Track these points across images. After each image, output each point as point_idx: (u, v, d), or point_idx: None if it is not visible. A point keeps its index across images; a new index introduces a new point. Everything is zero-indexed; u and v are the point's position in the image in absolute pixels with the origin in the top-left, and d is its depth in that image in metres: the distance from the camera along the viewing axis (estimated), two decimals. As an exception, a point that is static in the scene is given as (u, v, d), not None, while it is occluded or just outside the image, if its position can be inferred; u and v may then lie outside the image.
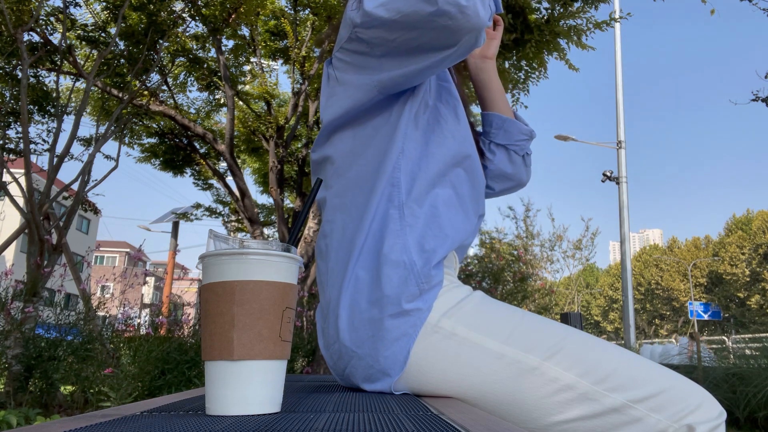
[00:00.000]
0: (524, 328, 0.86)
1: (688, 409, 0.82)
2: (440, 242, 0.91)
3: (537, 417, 0.82)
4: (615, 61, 12.71)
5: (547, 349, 0.83)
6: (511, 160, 1.17)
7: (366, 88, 0.91)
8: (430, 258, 0.88)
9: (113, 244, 44.10)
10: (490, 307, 0.90)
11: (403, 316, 0.85)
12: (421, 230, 0.90)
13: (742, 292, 47.05)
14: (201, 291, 0.62)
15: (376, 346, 0.85)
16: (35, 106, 7.45)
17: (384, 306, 0.86)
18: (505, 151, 1.17)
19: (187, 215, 12.13)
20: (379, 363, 0.85)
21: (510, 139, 1.16)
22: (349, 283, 0.89)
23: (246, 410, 0.58)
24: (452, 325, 0.85)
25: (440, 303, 0.87)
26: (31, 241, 5.15)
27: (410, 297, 0.86)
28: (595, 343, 0.85)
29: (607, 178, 12.52)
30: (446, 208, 0.94)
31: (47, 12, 6.32)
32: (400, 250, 0.87)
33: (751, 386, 3.89)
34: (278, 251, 0.61)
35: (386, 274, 0.86)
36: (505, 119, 1.16)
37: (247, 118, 9.01)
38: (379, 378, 0.86)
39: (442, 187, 0.95)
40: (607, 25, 5.46)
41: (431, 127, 0.96)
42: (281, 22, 7.99)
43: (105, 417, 0.57)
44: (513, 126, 1.16)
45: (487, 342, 0.84)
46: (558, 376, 0.81)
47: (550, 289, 10.82)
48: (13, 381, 3.69)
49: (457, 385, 0.84)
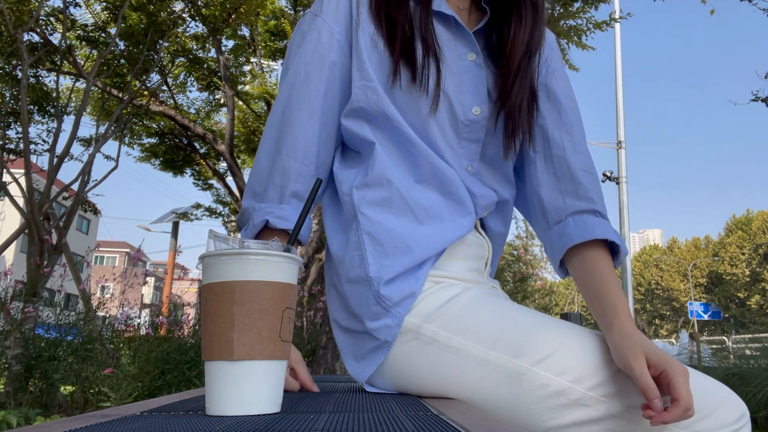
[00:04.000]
0: (515, 331, 0.81)
1: (701, 413, 0.77)
2: (389, 256, 0.88)
3: (528, 423, 0.78)
4: (615, 61, 12.70)
5: (537, 354, 0.78)
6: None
7: None
8: (383, 274, 0.86)
9: (113, 245, 44.10)
10: (480, 307, 0.85)
11: (372, 333, 0.86)
12: (371, 243, 0.89)
13: (742, 292, 47.04)
14: (201, 291, 0.62)
15: (356, 351, 0.90)
16: (35, 106, 7.45)
17: (356, 322, 0.89)
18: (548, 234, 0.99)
19: (187, 215, 12.12)
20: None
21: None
22: (329, 293, 0.96)
23: (246, 410, 0.58)
24: (434, 331, 0.83)
25: (422, 307, 0.85)
26: (31, 241, 5.15)
27: (374, 316, 0.85)
28: (594, 344, 0.81)
29: (607, 178, 12.51)
30: (385, 214, 0.90)
31: (47, 12, 6.32)
32: (357, 266, 0.88)
33: (751, 386, 3.89)
34: (278, 251, 0.61)
35: (349, 291, 0.89)
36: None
37: (247, 118, 9.01)
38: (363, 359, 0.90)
39: (373, 188, 0.91)
40: (607, 25, 5.47)
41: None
42: (281, 22, 7.99)
43: (105, 417, 0.57)
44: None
45: (471, 347, 0.81)
46: (547, 382, 0.77)
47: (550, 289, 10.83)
48: (13, 381, 3.69)
49: (442, 392, 0.83)
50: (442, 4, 0.96)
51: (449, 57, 0.95)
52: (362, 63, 0.93)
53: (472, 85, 0.96)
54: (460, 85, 0.95)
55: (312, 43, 0.95)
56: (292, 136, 0.92)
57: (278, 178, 0.91)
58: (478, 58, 0.97)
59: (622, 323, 0.81)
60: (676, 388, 0.71)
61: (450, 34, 0.96)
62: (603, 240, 0.92)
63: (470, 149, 0.97)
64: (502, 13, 1.00)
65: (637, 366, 0.74)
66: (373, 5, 0.95)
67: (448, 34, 0.96)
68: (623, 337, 0.78)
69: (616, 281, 0.89)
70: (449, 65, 0.94)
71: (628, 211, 12.29)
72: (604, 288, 0.87)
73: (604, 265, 0.90)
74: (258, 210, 0.91)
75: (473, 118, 0.95)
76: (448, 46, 0.96)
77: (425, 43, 0.92)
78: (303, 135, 0.92)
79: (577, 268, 0.93)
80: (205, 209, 12.31)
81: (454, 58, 0.95)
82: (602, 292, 0.87)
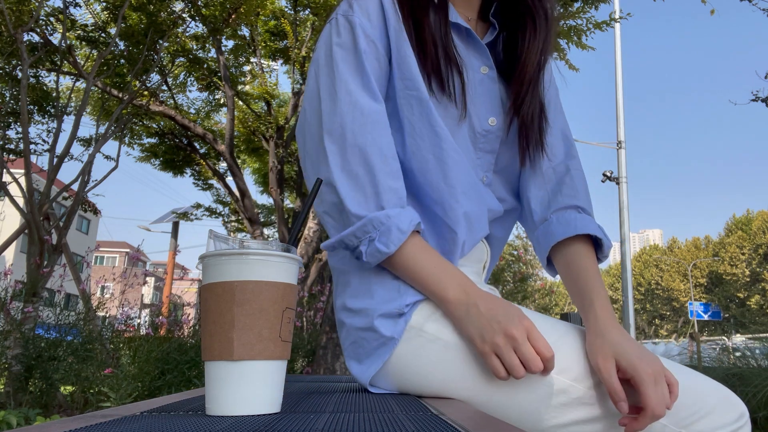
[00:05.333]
0: None
1: (699, 414, 0.77)
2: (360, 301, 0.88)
3: (530, 421, 0.79)
4: (615, 61, 12.70)
5: None
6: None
7: None
8: (360, 318, 0.88)
9: (113, 245, 44.10)
10: None
11: (377, 329, 0.86)
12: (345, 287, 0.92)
13: (742, 293, 47.05)
14: (201, 291, 0.62)
15: (359, 350, 0.89)
16: (35, 106, 7.45)
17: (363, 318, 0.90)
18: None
19: (187, 215, 12.13)
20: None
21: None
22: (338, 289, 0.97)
23: (246, 410, 0.58)
24: (437, 329, 0.83)
25: (425, 306, 0.86)
26: (31, 241, 5.16)
27: (370, 351, 0.86)
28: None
29: (607, 179, 12.50)
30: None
31: (47, 12, 6.33)
32: (339, 309, 0.93)
33: (751, 386, 3.89)
34: (278, 251, 0.61)
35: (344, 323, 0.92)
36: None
37: (247, 119, 9.01)
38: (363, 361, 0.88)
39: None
40: (607, 25, 5.46)
41: None
42: (281, 23, 7.99)
43: (105, 417, 0.57)
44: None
45: (473, 346, 0.82)
46: (549, 380, 0.78)
47: (550, 289, 10.83)
48: (13, 381, 3.69)
49: (443, 389, 0.83)
50: (456, 14, 0.96)
51: (465, 68, 0.95)
52: (405, 71, 0.91)
53: (487, 97, 0.96)
54: (475, 96, 0.95)
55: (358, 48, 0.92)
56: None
57: (391, 181, 0.88)
58: (491, 72, 0.97)
59: (598, 319, 0.82)
60: (642, 394, 0.73)
61: (464, 45, 0.97)
62: (586, 235, 0.93)
63: (486, 160, 0.98)
64: (510, 23, 1.01)
65: (605, 369, 0.76)
66: (404, 13, 0.92)
67: (462, 46, 0.96)
68: (596, 336, 0.80)
69: (597, 276, 0.90)
70: (466, 76, 0.95)
71: (628, 211, 12.29)
72: (583, 282, 0.89)
73: (585, 260, 0.91)
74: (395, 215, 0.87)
75: (489, 129, 0.96)
76: (463, 57, 0.96)
77: (446, 54, 0.91)
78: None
79: (561, 264, 0.95)
80: (205, 209, 12.33)
81: (468, 69, 0.95)
82: (581, 287, 0.89)
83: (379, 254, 0.81)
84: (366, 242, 0.82)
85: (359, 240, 0.82)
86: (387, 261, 0.84)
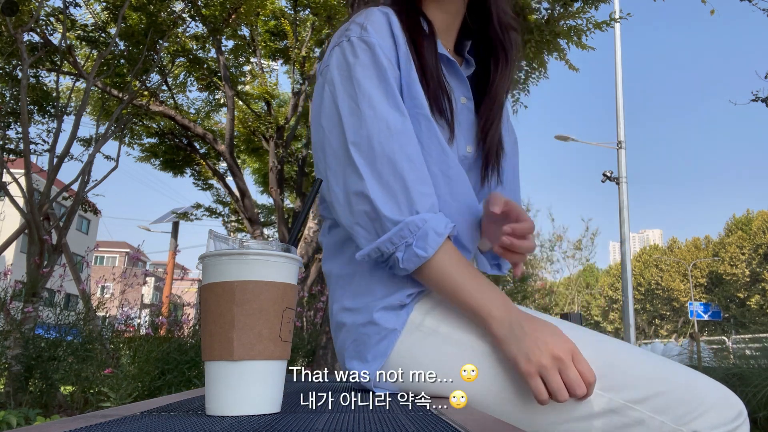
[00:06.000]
0: None
1: (697, 411, 0.77)
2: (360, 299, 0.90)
3: (529, 419, 0.79)
4: (615, 61, 12.70)
5: None
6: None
7: None
8: (361, 314, 0.89)
9: (113, 245, 44.08)
10: None
11: (378, 322, 0.87)
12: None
13: (742, 293, 47.05)
14: (201, 291, 0.62)
15: (360, 348, 0.89)
16: (35, 106, 7.46)
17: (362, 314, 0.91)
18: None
19: (187, 215, 12.13)
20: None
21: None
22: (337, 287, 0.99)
23: (246, 410, 0.58)
24: (436, 323, 0.84)
25: (426, 301, 0.87)
26: (31, 241, 5.16)
27: (372, 346, 0.87)
28: (591, 340, 0.82)
29: (607, 179, 12.51)
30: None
31: (47, 12, 6.33)
32: (337, 311, 0.94)
33: (751, 386, 3.89)
34: (278, 251, 0.61)
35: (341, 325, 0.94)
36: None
37: (247, 119, 9.02)
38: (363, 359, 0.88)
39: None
40: (607, 25, 5.47)
41: None
42: (281, 23, 8.00)
43: (105, 417, 0.57)
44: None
45: (473, 340, 0.83)
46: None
47: (551, 289, 10.84)
48: (13, 381, 3.69)
49: (443, 386, 0.83)
50: (441, 46, 1.00)
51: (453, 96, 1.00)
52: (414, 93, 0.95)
53: (465, 126, 1.01)
54: (457, 124, 0.99)
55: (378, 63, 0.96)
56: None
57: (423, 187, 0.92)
58: (469, 103, 1.03)
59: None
60: (516, 211, 0.83)
61: (449, 75, 1.01)
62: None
63: None
64: (482, 58, 1.08)
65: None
66: (407, 37, 0.96)
67: (448, 75, 1.01)
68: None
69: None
70: (454, 103, 1.00)
71: (628, 211, 12.30)
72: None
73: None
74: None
75: (466, 155, 1.00)
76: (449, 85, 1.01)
77: (439, 81, 0.95)
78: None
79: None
80: (205, 209, 12.33)
81: (454, 98, 1.01)
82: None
83: (417, 259, 0.82)
84: (403, 248, 0.82)
85: (395, 246, 0.82)
86: (421, 271, 0.83)
